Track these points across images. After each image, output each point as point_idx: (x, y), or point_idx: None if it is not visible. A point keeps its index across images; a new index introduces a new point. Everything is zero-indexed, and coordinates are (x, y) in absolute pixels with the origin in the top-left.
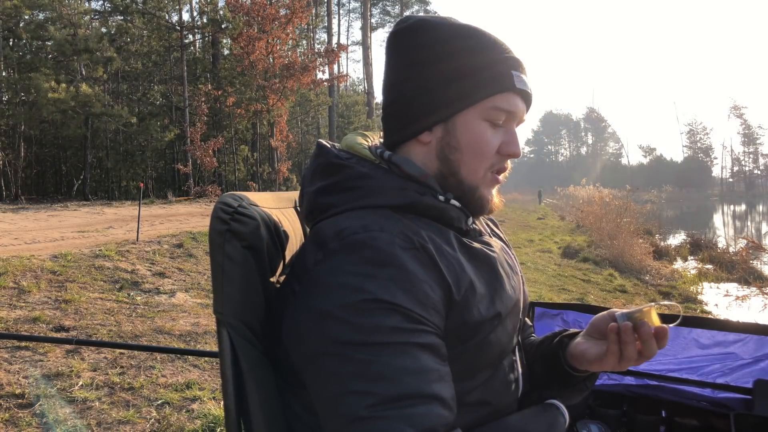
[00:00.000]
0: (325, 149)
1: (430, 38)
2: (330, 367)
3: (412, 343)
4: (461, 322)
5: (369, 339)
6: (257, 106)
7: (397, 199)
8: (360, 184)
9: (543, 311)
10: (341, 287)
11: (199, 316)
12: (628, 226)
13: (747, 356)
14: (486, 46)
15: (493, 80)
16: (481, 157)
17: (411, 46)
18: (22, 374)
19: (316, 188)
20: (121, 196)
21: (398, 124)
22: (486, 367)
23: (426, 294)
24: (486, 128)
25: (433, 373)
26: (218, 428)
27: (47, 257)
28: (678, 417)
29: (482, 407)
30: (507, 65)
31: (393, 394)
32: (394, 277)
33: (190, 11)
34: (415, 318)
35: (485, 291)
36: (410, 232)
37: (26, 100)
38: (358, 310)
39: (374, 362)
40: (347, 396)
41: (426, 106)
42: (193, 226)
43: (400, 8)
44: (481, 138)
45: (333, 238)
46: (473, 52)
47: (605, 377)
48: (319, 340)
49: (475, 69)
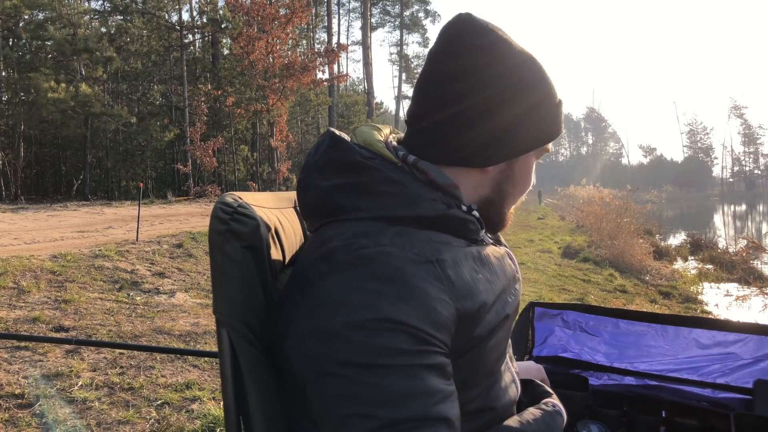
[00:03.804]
0: (343, 143)
1: (507, 65)
2: (334, 387)
3: (419, 365)
4: (469, 335)
5: (374, 361)
6: (257, 106)
7: (426, 211)
8: (390, 190)
9: (543, 311)
10: (347, 305)
11: (198, 316)
12: (628, 226)
13: (747, 356)
14: (550, 87)
15: (554, 127)
16: (526, 191)
17: (486, 65)
18: (21, 374)
19: (333, 185)
20: (121, 196)
21: (459, 149)
22: (486, 375)
23: (436, 311)
24: (534, 164)
25: (439, 394)
26: (218, 428)
27: (47, 257)
28: (678, 417)
29: (484, 414)
30: (560, 111)
31: (397, 418)
32: (402, 294)
33: (189, 11)
34: (423, 338)
35: (493, 300)
36: (424, 244)
37: (26, 100)
38: (365, 330)
39: (379, 385)
40: (351, 419)
41: (502, 141)
42: (193, 226)
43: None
44: (531, 175)
45: (341, 251)
46: (544, 93)
47: (605, 377)
48: (323, 359)
49: (546, 112)
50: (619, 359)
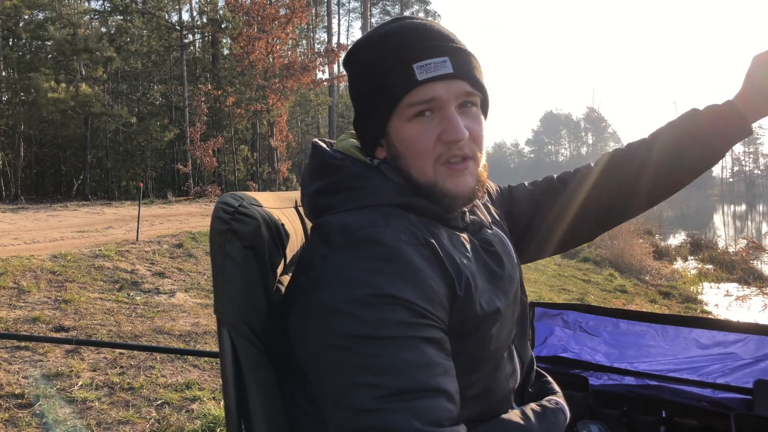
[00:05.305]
0: (320, 149)
1: (355, 58)
2: (336, 359)
3: (418, 337)
4: (463, 317)
5: (376, 332)
6: (257, 106)
7: (396, 198)
8: (358, 184)
9: (543, 311)
10: (348, 282)
11: (199, 316)
12: (628, 226)
13: (747, 356)
14: (388, 51)
15: (398, 83)
16: (421, 154)
17: (347, 68)
18: (21, 374)
19: (315, 189)
20: (121, 196)
21: (362, 144)
22: (487, 361)
23: (432, 288)
24: (414, 126)
25: (439, 367)
26: (218, 428)
27: (47, 257)
28: (678, 417)
29: (482, 400)
30: (409, 60)
31: (400, 387)
32: (400, 272)
33: (189, 11)
34: (421, 312)
35: (486, 286)
36: (414, 228)
37: (26, 100)
38: (365, 305)
39: (381, 355)
40: (354, 388)
41: (363, 124)
42: (193, 226)
43: (400, 8)
44: (412, 137)
45: (339, 233)
46: (377, 61)
47: (605, 377)
48: (326, 334)
49: (379, 77)
50: (619, 359)
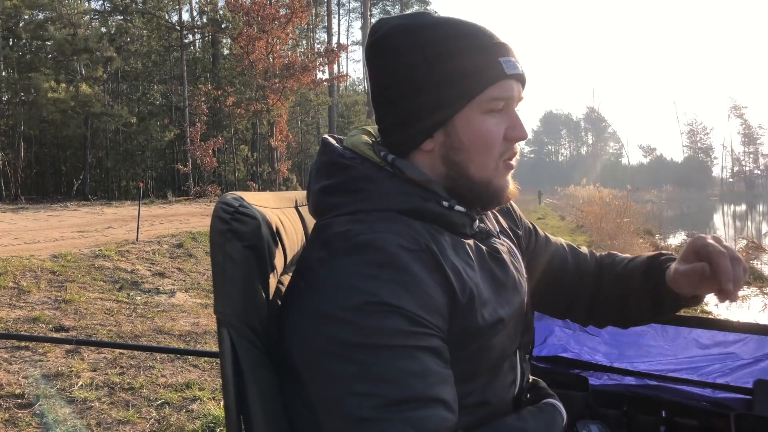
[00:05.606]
0: (330, 147)
1: (410, 43)
2: (331, 367)
3: (415, 346)
4: (465, 327)
5: (371, 341)
6: (257, 106)
7: (401, 203)
8: (363, 186)
9: None
10: (345, 289)
11: (198, 316)
12: (628, 226)
13: (747, 356)
14: (469, 40)
15: (484, 73)
16: (489, 149)
17: (395, 52)
18: (21, 374)
19: (321, 187)
20: (121, 196)
21: (396, 135)
22: (487, 371)
23: (430, 297)
24: (487, 120)
25: (436, 376)
26: (218, 428)
27: (47, 257)
28: (678, 417)
29: (481, 408)
30: (494, 54)
31: (397, 397)
32: (398, 280)
33: (189, 11)
34: (419, 321)
35: (490, 296)
36: (416, 234)
37: (26, 100)
38: (362, 312)
39: (375, 364)
40: (350, 397)
41: (421, 113)
42: (193, 226)
43: (401, 8)
44: (485, 131)
45: (338, 238)
46: (458, 50)
47: (605, 377)
48: (321, 341)
49: (463, 66)
50: (619, 359)
